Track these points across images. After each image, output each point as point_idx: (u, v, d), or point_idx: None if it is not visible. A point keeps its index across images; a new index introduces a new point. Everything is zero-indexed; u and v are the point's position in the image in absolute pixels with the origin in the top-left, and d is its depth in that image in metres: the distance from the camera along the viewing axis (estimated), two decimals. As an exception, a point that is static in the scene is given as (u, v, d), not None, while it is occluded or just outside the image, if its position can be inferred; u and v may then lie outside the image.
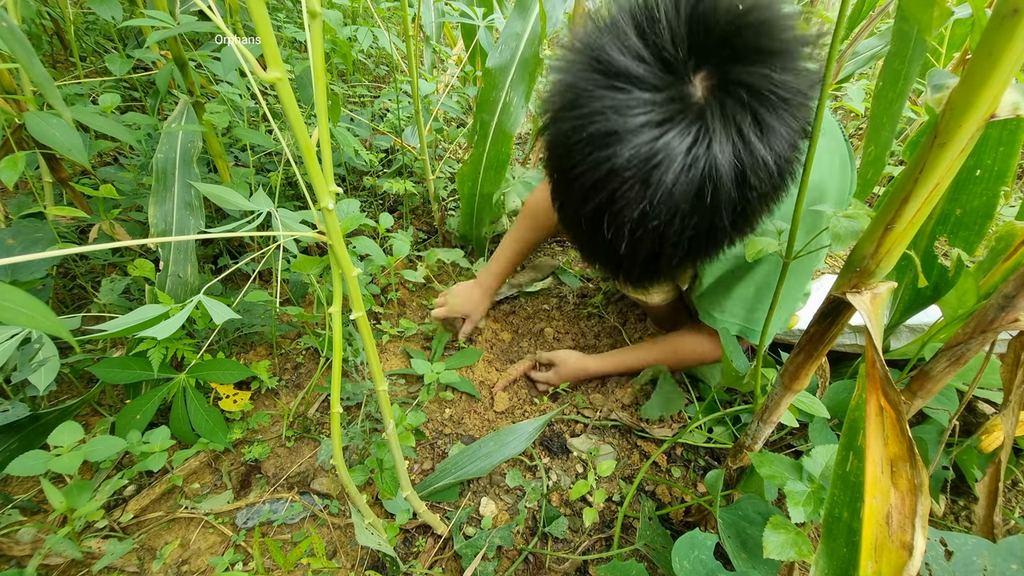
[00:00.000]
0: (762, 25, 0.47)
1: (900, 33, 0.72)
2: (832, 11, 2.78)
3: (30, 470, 0.70)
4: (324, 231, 0.48)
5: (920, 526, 0.39)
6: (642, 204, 0.50)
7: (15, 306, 0.36)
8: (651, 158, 0.48)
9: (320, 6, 0.36)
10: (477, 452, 0.97)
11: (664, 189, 0.49)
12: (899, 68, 0.88)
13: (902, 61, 0.88)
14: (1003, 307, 0.57)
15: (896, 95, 0.93)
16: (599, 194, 0.52)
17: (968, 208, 0.82)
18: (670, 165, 0.48)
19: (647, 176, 0.49)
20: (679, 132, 0.47)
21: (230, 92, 1.16)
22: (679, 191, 0.49)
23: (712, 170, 0.48)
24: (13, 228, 0.96)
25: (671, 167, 0.48)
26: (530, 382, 1.23)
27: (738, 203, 0.51)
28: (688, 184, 0.49)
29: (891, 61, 0.84)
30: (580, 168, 0.51)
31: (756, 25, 0.47)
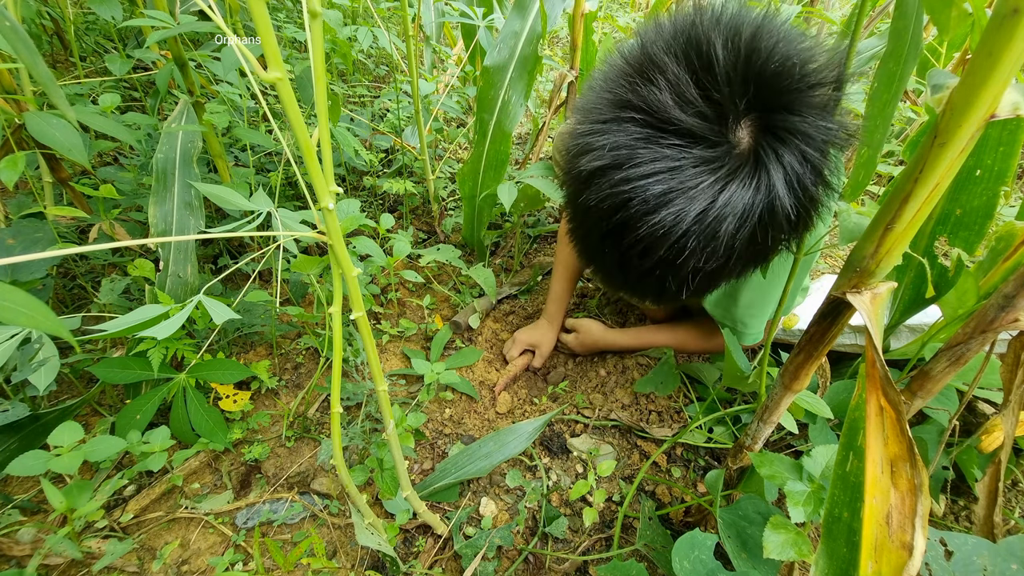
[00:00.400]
0: (805, 72, 0.47)
1: (896, 32, 0.72)
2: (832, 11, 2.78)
3: (30, 470, 0.70)
4: (324, 231, 0.48)
5: (920, 526, 0.39)
6: (705, 254, 0.50)
7: (15, 306, 0.36)
8: (717, 214, 0.47)
9: (320, 6, 0.36)
10: (477, 452, 0.97)
11: (728, 239, 0.48)
12: (894, 69, 0.88)
13: (897, 62, 0.87)
14: (1003, 307, 0.57)
15: (891, 97, 0.92)
16: (659, 251, 0.50)
17: (968, 208, 0.82)
18: (734, 217, 0.47)
19: (714, 231, 0.48)
20: (740, 184, 0.47)
21: (230, 92, 1.16)
22: (741, 237, 0.49)
23: (770, 213, 0.48)
24: (13, 228, 0.96)
25: (735, 218, 0.47)
26: (529, 375, 1.23)
27: (790, 234, 0.52)
28: (750, 229, 0.49)
29: (887, 62, 0.84)
30: (639, 232, 0.49)
31: (800, 73, 0.47)
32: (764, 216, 0.48)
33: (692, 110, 0.45)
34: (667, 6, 1.76)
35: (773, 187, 0.47)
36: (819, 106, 0.48)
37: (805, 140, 0.47)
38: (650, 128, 0.47)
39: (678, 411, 1.14)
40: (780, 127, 0.47)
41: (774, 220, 0.49)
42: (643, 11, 3.23)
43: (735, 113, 0.46)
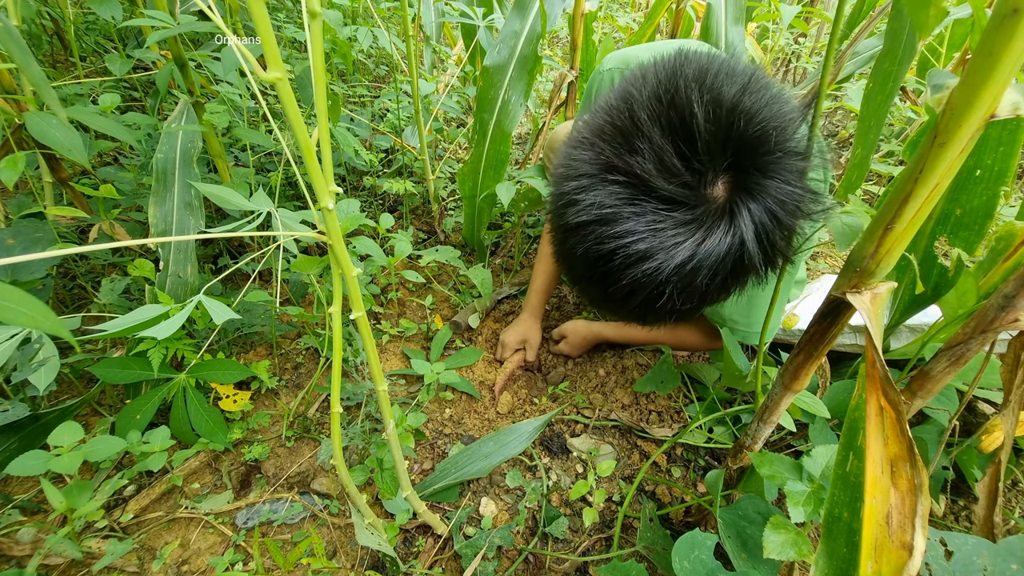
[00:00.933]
0: (782, 140, 0.50)
1: (892, 33, 0.72)
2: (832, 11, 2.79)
3: (30, 470, 0.70)
4: (324, 231, 0.48)
5: (920, 526, 0.39)
6: (682, 298, 0.53)
7: (15, 306, 0.36)
8: (693, 267, 0.50)
9: (320, 6, 0.36)
10: (477, 452, 0.97)
11: (703, 286, 0.52)
12: (889, 69, 0.87)
13: (892, 62, 0.87)
14: (1003, 307, 0.57)
15: (885, 97, 0.92)
16: (639, 296, 0.54)
17: (968, 208, 0.82)
18: (710, 267, 0.50)
19: (690, 281, 0.51)
20: (715, 239, 0.49)
21: (230, 92, 1.16)
22: (716, 283, 0.52)
23: (739, 264, 0.51)
24: (13, 228, 0.96)
25: (711, 268, 0.50)
26: (529, 375, 1.23)
27: (758, 276, 0.55)
28: (724, 274, 0.52)
29: (882, 62, 0.84)
30: (621, 281, 0.53)
31: (777, 140, 0.49)
32: (736, 266, 0.52)
33: (675, 180, 0.48)
34: (666, 7, 1.76)
35: (744, 243, 0.50)
36: (792, 171, 0.50)
37: (777, 201, 0.50)
38: (633, 190, 0.50)
39: (678, 411, 1.14)
40: (754, 187, 0.50)
41: (743, 268, 0.53)
42: (643, 11, 3.23)
43: (713, 174, 0.50)
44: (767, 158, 0.49)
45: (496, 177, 1.33)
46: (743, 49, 1.49)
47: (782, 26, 1.62)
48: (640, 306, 0.56)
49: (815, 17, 2.21)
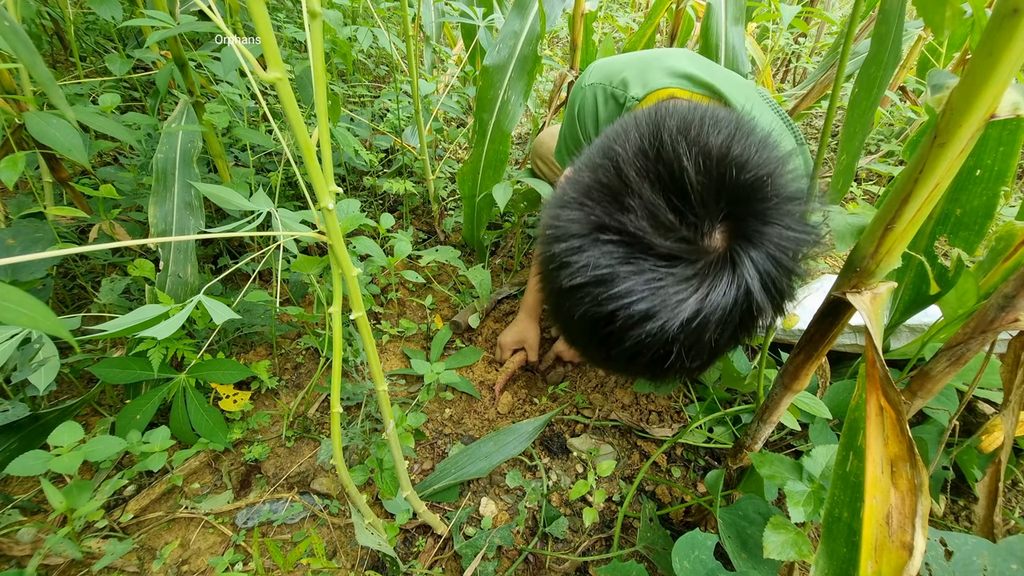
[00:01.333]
0: (777, 186, 0.48)
1: (879, 37, 0.71)
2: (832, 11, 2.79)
3: (30, 470, 0.70)
4: (324, 231, 0.48)
5: (920, 526, 0.39)
6: (690, 355, 0.51)
7: (15, 306, 0.36)
8: (700, 323, 0.48)
9: (320, 6, 0.36)
10: (477, 452, 0.97)
11: (712, 342, 0.50)
12: (875, 74, 0.87)
13: (878, 67, 0.86)
14: (1003, 307, 0.57)
15: (870, 103, 0.92)
16: (645, 357, 0.52)
17: (968, 208, 0.82)
18: (718, 321, 0.48)
19: (698, 338, 0.49)
20: (720, 292, 0.47)
21: (230, 92, 1.16)
22: (726, 336, 0.50)
23: (748, 314, 0.49)
24: (13, 228, 0.96)
25: (719, 322, 0.48)
26: (529, 375, 1.23)
27: (773, 313, 0.53)
28: (732, 327, 0.50)
29: (868, 66, 0.83)
30: (624, 343, 0.50)
31: (772, 187, 0.48)
32: (744, 317, 0.50)
33: (671, 236, 0.46)
34: (666, 7, 1.76)
35: (751, 292, 0.48)
36: (791, 215, 0.48)
37: (779, 247, 0.48)
38: (629, 248, 0.47)
39: (678, 411, 1.14)
40: (753, 234, 0.48)
41: (752, 319, 0.51)
42: (643, 11, 3.23)
43: (710, 224, 0.48)
44: (763, 205, 0.47)
45: (495, 177, 1.33)
46: (743, 49, 1.49)
47: (782, 26, 1.62)
48: (646, 367, 0.54)
49: (815, 17, 2.21)
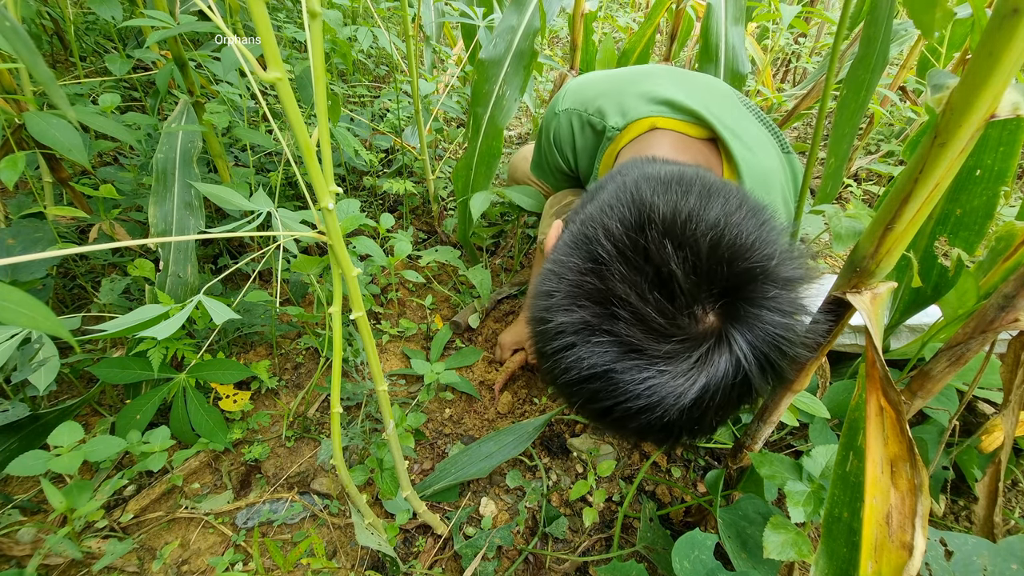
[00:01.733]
0: (767, 269, 0.46)
1: (867, 39, 0.71)
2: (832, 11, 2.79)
3: (30, 470, 0.70)
4: (324, 231, 0.48)
5: (920, 526, 0.39)
6: (692, 434, 0.51)
7: (15, 306, 0.36)
8: (700, 409, 0.47)
9: (320, 6, 0.36)
10: (477, 452, 0.97)
11: (712, 422, 0.49)
12: (863, 77, 0.85)
13: (866, 69, 0.85)
14: (1003, 307, 0.57)
15: (858, 105, 0.91)
16: (652, 435, 0.51)
17: (968, 208, 0.82)
18: (717, 405, 0.47)
19: (699, 420, 0.48)
20: (718, 377, 0.46)
21: (230, 92, 1.16)
22: (725, 414, 0.50)
23: (746, 392, 0.48)
24: (13, 228, 0.96)
25: (718, 405, 0.47)
26: (529, 375, 1.23)
27: (771, 389, 0.52)
28: (731, 407, 0.49)
29: (856, 69, 0.82)
30: (623, 429, 0.50)
31: (762, 269, 0.46)
32: (742, 396, 0.49)
33: (665, 341, 0.45)
34: (666, 7, 1.76)
35: (749, 373, 0.47)
36: (786, 301, 0.47)
37: (774, 330, 0.47)
38: (622, 347, 0.46)
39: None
40: (748, 317, 0.46)
41: (751, 397, 0.50)
42: (643, 11, 3.23)
43: (703, 311, 0.46)
44: (757, 292, 0.46)
45: (488, 173, 1.31)
46: (743, 49, 1.49)
47: (782, 26, 1.62)
48: (649, 441, 0.53)
49: (815, 17, 2.21)
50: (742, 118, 0.86)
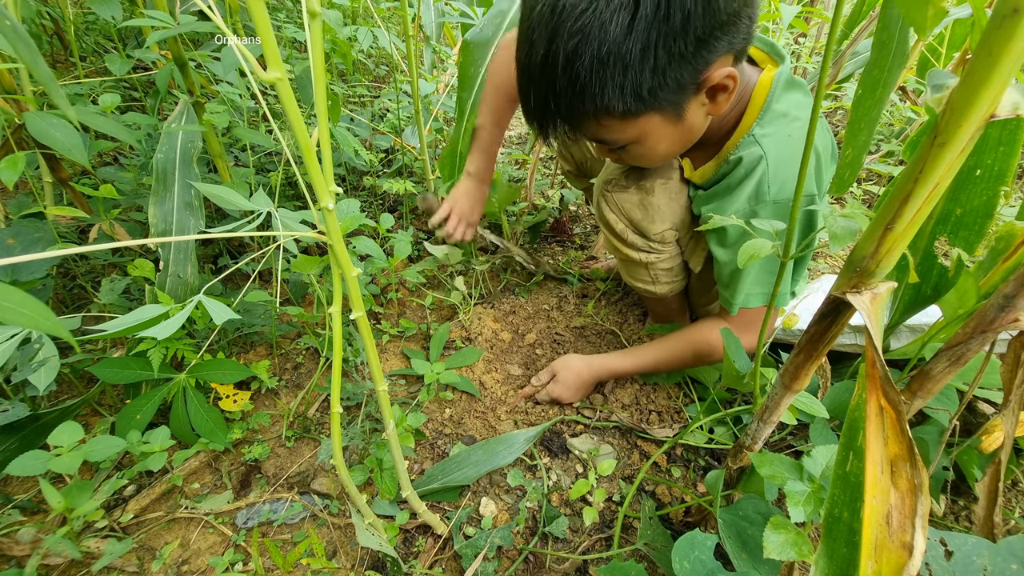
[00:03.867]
0: None
1: (880, 44, 0.72)
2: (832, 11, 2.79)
3: (30, 470, 0.70)
4: (324, 231, 0.48)
5: (920, 526, 0.39)
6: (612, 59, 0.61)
7: (15, 306, 0.36)
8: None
9: (320, 6, 0.36)
10: (467, 460, 0.98)
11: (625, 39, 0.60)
12: (878, 77, 0.87)
13: (881, 70, 0.87)
14: (1003, 307, 0.57)
15: (874, 102, 0.92)
16: (583, 59, 0.63)
17: (968, 208, 0.82)
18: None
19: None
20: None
21: (230, 92, 1.16)
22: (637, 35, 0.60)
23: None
24: (13, 228, 0.96)
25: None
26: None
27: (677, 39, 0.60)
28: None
29: (870, 70, 0.84)
30: (567, 44, 0.62)
31: None
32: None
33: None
34: None
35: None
36: None
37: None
38: None
39: (678, 411, 1.14)
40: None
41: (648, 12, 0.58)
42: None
43: None
44: None
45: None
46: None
47: (782, 26, 1.62)
48: (588, 76, 0.63)
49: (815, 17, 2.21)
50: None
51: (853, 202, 1.90)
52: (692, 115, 0.73)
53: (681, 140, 0.79)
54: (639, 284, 1.09)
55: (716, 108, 0.73)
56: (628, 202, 0.94)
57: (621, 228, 0.98)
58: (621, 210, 0.96)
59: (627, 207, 0.95)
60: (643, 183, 0.93)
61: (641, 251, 1.00)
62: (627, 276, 1.11)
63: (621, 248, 1.02)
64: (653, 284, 1.06)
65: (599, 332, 1.35)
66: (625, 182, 0.94)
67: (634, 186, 0.93)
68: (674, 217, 0.95)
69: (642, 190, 0.93)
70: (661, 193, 0.92)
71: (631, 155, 0.81)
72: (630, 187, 0.94)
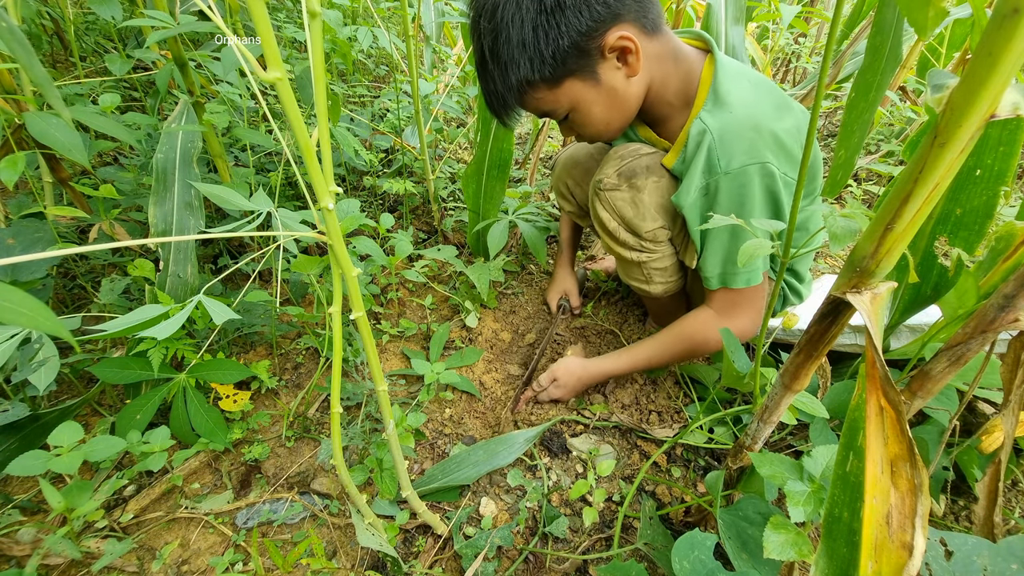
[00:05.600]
0: None
1: (873, 48, 0.73)
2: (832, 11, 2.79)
3: (30, 470, 0.70)
4: (324, 231, 0.48)
5: (920, 526, 0.39)
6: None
7: (15, 306, 0.36)
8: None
9: (320, 6, 0.36)
10: (466, 460, 0.98)
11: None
12: (871, 80, 0.89)
13: (874, 74, 0.88)
14: (1003, 307, 0.57)
15: (867, 105, 0.93)
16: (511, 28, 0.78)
17: (968, 208, 0.82)
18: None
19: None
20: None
21: (230, 92, 1.16)
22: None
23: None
24: (13, 228, 0.96)
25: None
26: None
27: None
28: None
29: (864, 74, 0.85)
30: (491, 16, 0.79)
31: None
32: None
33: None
34: (667, 7, 1.76)
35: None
36: None
37: None
38: None
39: (678, 411, 1.14)
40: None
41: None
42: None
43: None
44: None
45: (500, 176, 1.32)
46: (743, 49, 1.49)
47: (782, 26, 1.62)
48: (507, 58, 0.79)
49: (815, 17, 2.21)
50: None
51: (853, 202, 1.90)
52: (609, 77, 0.85)
53: (612, 103, 0.89)
54: (634, 283, 1.09)
55: (631, 69, 0.85)
56: (620, 200, 0.96)
57: (614, 226, 0.99)
58: (613, 208, 0.97)
59: (619, 204, 0.96)
60: (634, 181, 0.94)
61: (633, 250, 1.01)
62: (624, 275, 1.12)
63: (614, 247, 1.04)
64: (648, 283, 1.07)
65: (599, 332, 1.35)
66: (616, 180, 0.95)
67: (626, 184, 0.95)
68: (666, 215, 0.96)
69: (633, 188, 0.94)
70: (652, 191, 0.94)
71: (577, 124, 0.93)
72: (621, 185, 0.95)
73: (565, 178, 1.26)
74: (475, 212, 1.41)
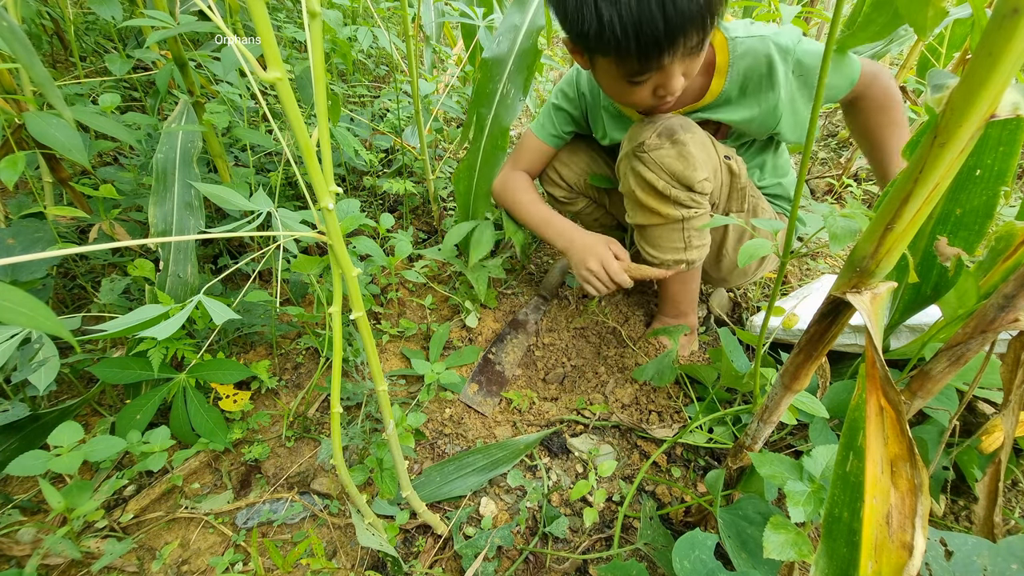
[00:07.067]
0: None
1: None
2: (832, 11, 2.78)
3: (30, 470, 0.70)
4: (324, 231, 0.48)
5: (920, 526, 0.39)
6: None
7: (15, 306, 0.36)
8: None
9: (320, 6, 0.36)
10: (461, 465, 0.98)
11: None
12: None
13: None
14: (1003, 307, 0.57)
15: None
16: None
17: (968, 208, 0.82)
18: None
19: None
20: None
21: (230, 92, 1.16)
22: None
23: None
24: (13, 228, 0.96)
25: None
26: (529, 375, 1.23)
27: None
28: None
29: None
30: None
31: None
32: None
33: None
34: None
35: None
36: None
37: None
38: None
39: (678, 411, 1.14)
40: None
41: None
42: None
43: None
44: None
45: (492, 175, 1.32)
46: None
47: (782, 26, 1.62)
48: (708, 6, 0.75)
49: (815, 17, 2.21)
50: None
51: (853, 202, 1.90)
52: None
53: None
54: (670, 256, 1.05)
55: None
56: (667, 156, 0.95)
57: (663, 185, 0.97)
58: (661, 166, 0.96)
59: (667, 161, 0.95)
60: (676, 137, 0.95)
61: (683, 206, 0.99)
62: (656, 250, 1.06)
63: (661, 208, 0.99)
64: (686, 250, 1.04)
65: (600, 332, 1.35)
66: (658, 140, 0.95)
67: (668, 141, 0.95)
68: (711, 164, 0.99)
69: (677, 143, 0.95)
70: (692, 144, 0.95)
71: (677, 89, 0.91)
72: (664, 144, 0.95)
73: (552, 163, 1.26)
74: (464, 210, 1.40)
